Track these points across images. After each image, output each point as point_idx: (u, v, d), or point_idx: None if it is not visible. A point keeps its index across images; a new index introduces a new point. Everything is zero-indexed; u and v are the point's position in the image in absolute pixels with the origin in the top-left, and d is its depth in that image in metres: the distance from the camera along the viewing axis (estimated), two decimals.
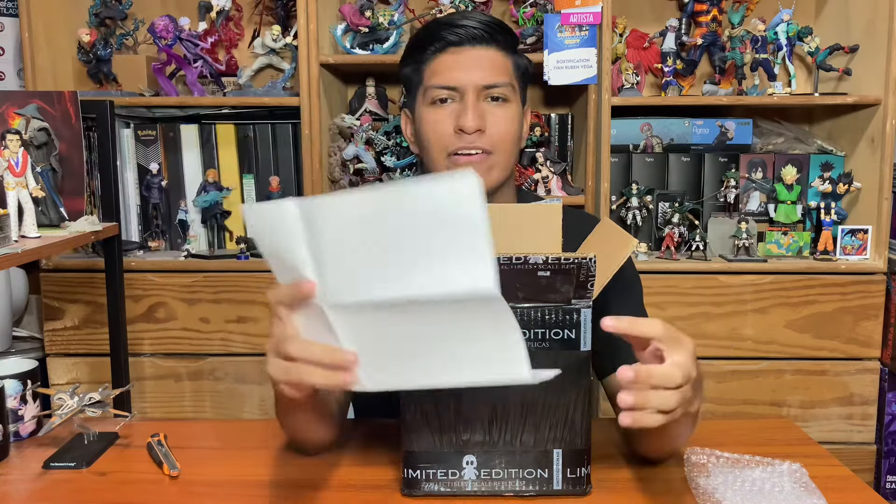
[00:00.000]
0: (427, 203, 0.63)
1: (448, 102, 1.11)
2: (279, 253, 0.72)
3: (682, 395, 0.75)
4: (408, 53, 1.18)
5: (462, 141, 1.10)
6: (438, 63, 1.12)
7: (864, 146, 1.83)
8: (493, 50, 1.12)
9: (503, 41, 1.14)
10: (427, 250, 0.64)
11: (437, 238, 0.63)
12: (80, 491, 0.99)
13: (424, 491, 0.92)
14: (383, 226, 0.65)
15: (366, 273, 0.68)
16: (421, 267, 0.65)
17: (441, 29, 1.12)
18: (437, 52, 1.13)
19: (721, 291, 1.78)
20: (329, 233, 0.68)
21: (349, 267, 0.68)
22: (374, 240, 0.66)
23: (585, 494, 0.94)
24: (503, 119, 1.12)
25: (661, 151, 1.92)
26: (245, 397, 1.84)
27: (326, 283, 0.70)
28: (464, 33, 1.11)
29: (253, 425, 1.33)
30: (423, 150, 1.17)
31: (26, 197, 1.19)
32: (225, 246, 1.89)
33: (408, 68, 1.17)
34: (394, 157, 1.90)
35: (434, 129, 1.12)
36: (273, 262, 0.75)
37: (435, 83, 1.12)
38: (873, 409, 1.82)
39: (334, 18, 1.88)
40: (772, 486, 0.94)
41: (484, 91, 1.11)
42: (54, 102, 1.33)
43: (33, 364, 1.17)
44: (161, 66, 1.81)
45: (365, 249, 0.67)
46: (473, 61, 1.11)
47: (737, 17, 1.89)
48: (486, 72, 1.11)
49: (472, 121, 1.08)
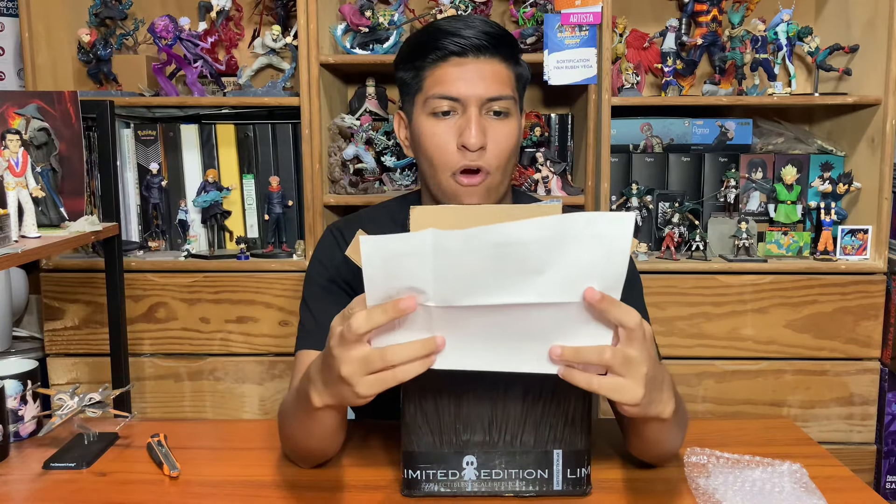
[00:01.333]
0: (585, 230, 0.73)
1: (450, 115, 1.09)
2: (396, 275, 0.75)
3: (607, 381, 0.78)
4: (405, 57, 1.14)
5: (465, 158, 1.08)
6: (440, 73, 1.09)
7: (864, 146, 1.83)
8: (496, 62, 1.10)
9: (506, 52, 1.11)
10: (558, 270, 0.73)
11: (574, 260, 0.73)
12: (80, 491, 0.99)
13: (424, 491, 0.92)
14: (517, 251, 0.73)
15: (488, 284, 0.74)
16: (550, 276, 0.74)
17: (443, 36, 1.09)
18: (439, 60, 1.09)
19: (721, 291, 1.78)
20: (459, 256, 0.73)
21: (471, 281, 0.74)
22: (503, 262, 0.73)
23: (586, 495, 0.94)
24: (505, 136, 1.09)
25: (661, 151, 1.92)
26: (245, 397, 1.84)
27: (441, 293, 0.75)
28: (467, 44, 1.08)
29: (253, 425, 1.33)
30: (421, 160, 1.14)
31: (26, 197, 1.19)
32: (225, 246, 1.89)
33: (406, 73, 1.14)
34: (394, 157, 1.90)
35: (436, 144, 1.10)
36: (375, 286, 0.76)
37: (437, 93, 1.09)
38: (873, 409, 1.82)
39: (334, 18, 1.88)
40: (772, 487, 0.94)
41: (486, 104, 1.08)
42: (54, 102, 1.32)
43: (33, 364, 1.17)
44: (161, 66, 1.81)
45: (492, 267, 0.73)
46: (476, 73, 1.08)
47: (737, 17, 1.89)
48: (490, 84, 1.08)
49: (476, 137, 1.06)
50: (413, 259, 0.73)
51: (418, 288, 0.74)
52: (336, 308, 1.15)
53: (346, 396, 0.81)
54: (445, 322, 0.77)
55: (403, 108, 1.18)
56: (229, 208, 1.85)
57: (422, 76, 1.11)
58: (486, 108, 1.09)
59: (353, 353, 0.78)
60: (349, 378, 0.78)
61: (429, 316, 0.76)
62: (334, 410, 0.89)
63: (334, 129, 1.86)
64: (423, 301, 0.75)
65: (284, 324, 1.81)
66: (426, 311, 0.76)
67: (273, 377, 1.84)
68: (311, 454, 1.01)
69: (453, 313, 0.76)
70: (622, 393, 0.78)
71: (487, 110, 1.09)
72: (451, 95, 1.08)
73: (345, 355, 0.78)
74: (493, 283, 0.74)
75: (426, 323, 0.77)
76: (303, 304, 1.18)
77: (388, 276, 0.74)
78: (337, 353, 0.79)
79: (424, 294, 0.75)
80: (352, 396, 0.80)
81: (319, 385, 0.85)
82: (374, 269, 0.74)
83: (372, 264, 0.74)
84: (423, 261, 0.73)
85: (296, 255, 1.82)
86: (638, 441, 0.98)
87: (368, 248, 0.73)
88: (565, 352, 0.78)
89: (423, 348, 0.77)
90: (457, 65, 1.09)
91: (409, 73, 1.14)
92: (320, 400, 0.85)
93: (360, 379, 0.78)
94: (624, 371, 0.78)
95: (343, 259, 0.86)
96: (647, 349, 0.78)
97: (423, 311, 0.76)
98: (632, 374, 0.78)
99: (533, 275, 0.74)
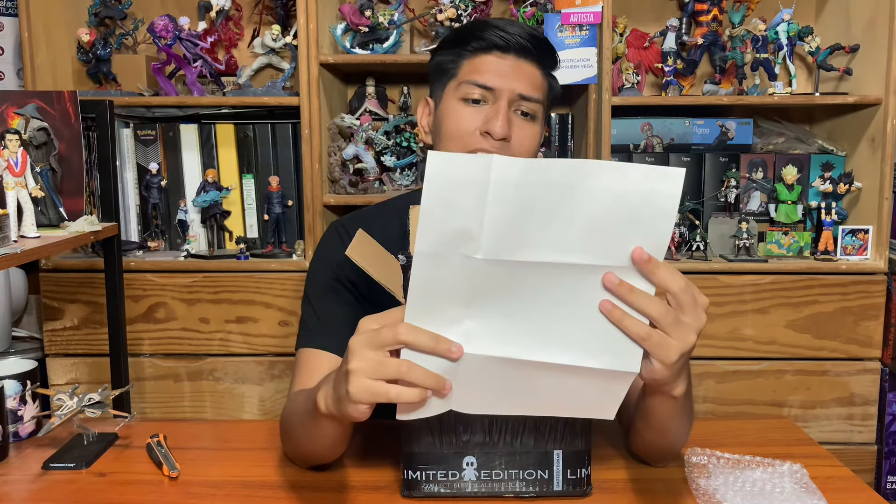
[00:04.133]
0: (634, 184, 0.70)
1: (480, 104, 1.11)
2: (453, 207, 0.71)
3: (671, 316, 0.75)
4: (448, 43, 1.16)
5: (486, 143, 1.09)
6: (480, 61, 1.12)
7: (865, 146, 1.83)
8: (534, 66, 1.12)
9: (546, 61, 1.14)
10: (608, 224, 0.71)
11: (625, 217, 0.71)
12: (80, 492, 0.98)
13: (424, 492, 0.92)
14: (570, 196, 0.71)
15: (532, 237, 0.72)
16: (595, 239, 0.72)
17: (489, 30, 1.11)
18: (480, 50, 1.12)
19: (721, 291, 1.78)
20: (516, 190, 0.71)
21: (521, 230, 0.72)
22: (556, 206, 0.71)
23: (586, 495, 0.93)
24: (529, 135, 1.12)
25: (662, 151, 1.92)
26: (245, 397, 1.84)
27: (491, 241, 0.72)
28: (512, 41, 1.10)
29: (253, 425, 1.33)
30: (438, 142, 1.15)
31: (26, 197, 1.19)
32: (224, 246, 1.89)
33: (444, 57, 1.16)
34: (394, 157, 1.90)
35: (458, 126, 1.11)
36: (431, 221, 0.72)
37: (472, 79, 1.11)
38: (874, 409, 1.82)
39: (334, 18, 1.88)
40: (772, 487, 0.94)
41: (517, 101, 1.10)
42: (54, 102, 1.32)
43: (33, 364, 1.17)
44: (160, 66, 1.81)
45: (542, 214, 0.71)
46: (514, 70, 1.11)
47: (737, 16, 1.89)
48: (525, 83, 1.10)
49: (502, 127, 1.08)
50: (472, 189, 0.70)
51: (470, 232, 0.71)
52: (339, 306, 1.16)
53: (341, 396, 0.78)
54: (489, 284, 0.74)
55: (432, 95, 1.20)
56: (229, 208, 1.85)
57: (459, 62, 1.14)
58: (516, 106, 1.11)
59: (372, 353, 0.76)
60: (353, 372, 0.75)
61: (474, 273, 0.73)
62: (336, 422, 0.87)
63: (334, 129, 1.86)
64: (471, 253, 0.72)
65: (284, 324, 1.81)
66: (472, 267, 0.73)
67: (273, 377, 1.84)
68: (311, 456, 1.01)
69: (499, 271, 0.73)
70: (663, 350, 0.75)
71: (516, 108, 1.11)
72: (485, 84, 1.10)
73: (363, 352, 0.76)
74: (541, 235, 0.72)
75: (471, 280, 0.74)
76: (305, 302, 1.17)
77: (445, 207, 0.71)
78: (357, 349, 0.76)
79: (475, 242, 0.72)
80: (344, 396, 0.77)
81: (329, 387, 0.83)
82: (434, 197, 0.71)
83: (433, 184, 0.71)
84: (482, 192, 0.70)
85: (295, 255, 1.82)
86: (644, 427, 0.97)
87: (434, 163, 0.70)
88: (622, 285, 0.73)
89: (435, 381, 0.75)
90: (498, 57, 1.11)
91: (448, 57, 1.15)
92: (324, 404, 0.83)
93: (361, 379, 0.75)
94: (672, 331, 0.75)
95: (347, 257, 0.85)
96: (699, 317, 0.77)
97: (469, 267, 0.73)
98: (678, 337, 0.76)
99: (580, 228, 0.71)
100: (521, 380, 0.78)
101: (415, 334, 0.74)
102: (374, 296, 1.06)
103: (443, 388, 0.76)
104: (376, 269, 0.86)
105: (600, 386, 0.78)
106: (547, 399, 0.80)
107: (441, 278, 0.73)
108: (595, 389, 0.78)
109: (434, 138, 1.18)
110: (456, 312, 0.75)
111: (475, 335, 0.75)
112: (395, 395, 0.75)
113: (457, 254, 0.72)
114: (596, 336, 0.75)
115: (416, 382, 0.75)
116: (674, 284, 0.75)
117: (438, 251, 0.72)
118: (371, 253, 0.87)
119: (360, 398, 0.76)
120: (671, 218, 0.72)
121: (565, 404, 0.82)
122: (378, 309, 0.80)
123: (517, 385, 0.79)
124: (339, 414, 0.81)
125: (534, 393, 0.79)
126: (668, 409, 0.91)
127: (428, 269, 0.73)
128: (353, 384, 0.75)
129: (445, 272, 0.73)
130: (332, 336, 1.10)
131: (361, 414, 0.77)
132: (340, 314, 1.13)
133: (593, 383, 0.78)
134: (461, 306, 0.75)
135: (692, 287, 0.77)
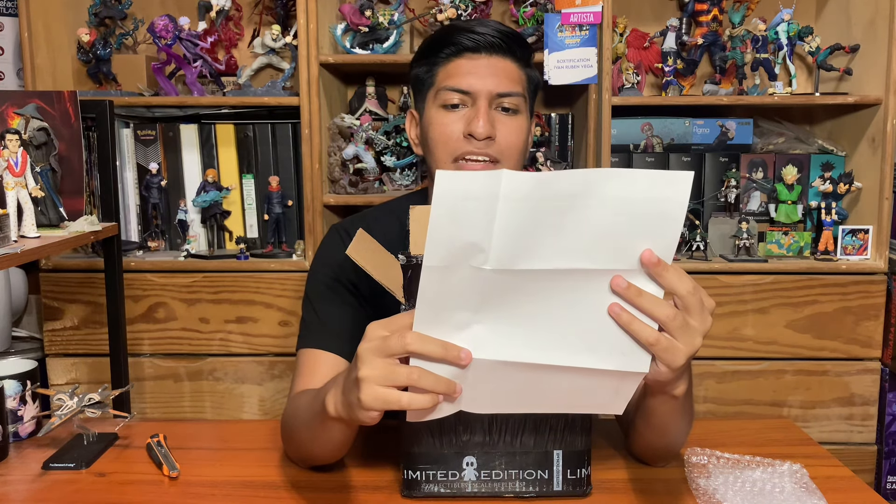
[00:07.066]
0: (642, 191, 0.70)
1: (459, 108, 1.12)
2: (461, 222, 0.71)
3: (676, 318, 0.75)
4: (421, 54, 1.17)
5: (471, 146, 1.10)
6: (453, 66, 1.12)
7: (865, 146, 1.83)
8: (508, 61, 1.13)
9: (519, 54, 1.14)
10: (616, 230, 0.72)
11: (634, 222, 0.71)
12: (80, 492, 0.98)
13: (424, 492, 0.92)
14: (578, 205, 0.71)
15: (542, 246, 0.72)
16: (603, 244, 0.72)
17: (458, 33, 1.12)
18: (453, 55, 1.13)
19: (722, 291, 1.77)
20: (526, 203, 0.70)
21: (531, 241, 0.72)
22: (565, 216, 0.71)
23: (586, 495, 0.93)
24: (513, 129, 1.12)
25: (662, 151, 1.92)
26: (245, 397, 1.84)
27: (500, 252, 0.72)
28: (481, 40, 1.11)
29: (252, 426, 1.33)
30: (427, 153, 1.16)
31: (25, 197, 1.19)
32: (224, 246, 1.89)
33: (420, 69, 1.17)
34: (394, 157, 1.90)
35: (442, 132, 1.12)
36: (439, 236, 0.72)
37: (448, 85, 1.11)
38: (874, 409, 1.82)
39: (334, 18, 1.88)
40: (772, 487, 0.94)
41: (496, 99, 1.11)
42: (54, 102, 1.32)
43: (33, 364, 1.17)
44: (161, 66, 1.81)
45: (550, 225, 0.71)
46: (489, 69, 1.11)
47: (737, 16, 1.89)
48: (501, 80, 1.11)
49: (483, 127, 1.08)
50: (481, 204, 0.70)
51: (479, 245, 0.71)
52: (340, 307, 1.16)
53: (352, 403, 0.78)
54: (498, 292, 0.74)
55: (416, 107, 1.21)
56: (229, 208, 1.85)
57: (435, 71, 1.14)
58: (496, 104, 1.11)
59: (382, 361, 0.75)
60: (363, 380, 0.75)
61: (482, 283, 0.73)
62: (343, 425, 0.87)
63: (334, 129, 1.86)
64: (480, 264, 0.72)
65: (284, 324, 1.81)
66: (481, 277, 0.73)
67: (273, 377, 1.84)
68: (314, 457, 1.01)
69: (508, 280, 0.73)
70: (670, 354, 0.75)
71: (497, 106, 1.12)
72: (461, 88, 1.11)
73: (373, 360, 0.75)
74: (550, 244, 0.72)
75: (480, 290, 0.74)
76: (306, 303, 1.17)
77: (453, 223, 0.71)
78: (366, 356, 0.76)
79: (483, 254, 0.72)
80: (356, 404, 0.77)
81: (339, 391, 0.83)
82: (442, 214, 0.71)
83: (442, 205, 0.70)
84: (491, 207, 0.70)
85: (295, 255, 1.82)
86: (644, 427, 0.97)
87: (442, 183, 0.70)
88: (630, 288, 0.73)
89: (446, 387, 0.75)
90: (470, 59, 1.12)
91: (423, 69, 1.16)
92: (333, 407, 0.83)
93: (372, 387, 0.75)
94: (679, 335, 0.75)
95: (347, 258, 0.85)
96: (705, 321, 0.77)
97: (478, 277, 0.73)
98: (685, 341, 0.76)
99: (588, 235, 0.72)
100: (530, 382, 0.78)
101: (423, 344, 0.74)
102: (375, 297, 1.07)
103: (453, 393, 0.76)
104: (376, 268, 0.86)
105: (610, 385, 0.78)
106: (556, 398, 0.81)
107: (449, 288, 0.74)
108: (605, 389, 0.79)
109: (423, 149, 1.18)
110: (464, 318, 0.75)
111: (484, 340, 0.75)
112: (407, 402, 0.75)
113: (465, 266, 0.72)
114: (605, 338, 0.76)
115: (427, 388, 0.75)
116: (682, 287, 0.75)
117: (447, 264, 0.72)
118: (371, 252, 0.87)
119: (372, 406, 0.75)
120: (679, 222, 0.72)
121: (575, 402, 0.82)
122: (378, 310, 0.80)
123: (527, 387, 0.79)
124: (350, 419, 0.81)
125: (543, 393, 0.80)
126: (668, 409, 0.91)
127: (436, 282, 0.73)
128: (365, 392, 0.75)
129: (454, 282, 0.73)
130: (333, 336, 1.10)
131: (373, 420, 0.78)
132: (341, 315, 1.13)
133: (603, 383, 0.78)
134: (470, 312, 0.75)
135: (700, 290, 0.77)
